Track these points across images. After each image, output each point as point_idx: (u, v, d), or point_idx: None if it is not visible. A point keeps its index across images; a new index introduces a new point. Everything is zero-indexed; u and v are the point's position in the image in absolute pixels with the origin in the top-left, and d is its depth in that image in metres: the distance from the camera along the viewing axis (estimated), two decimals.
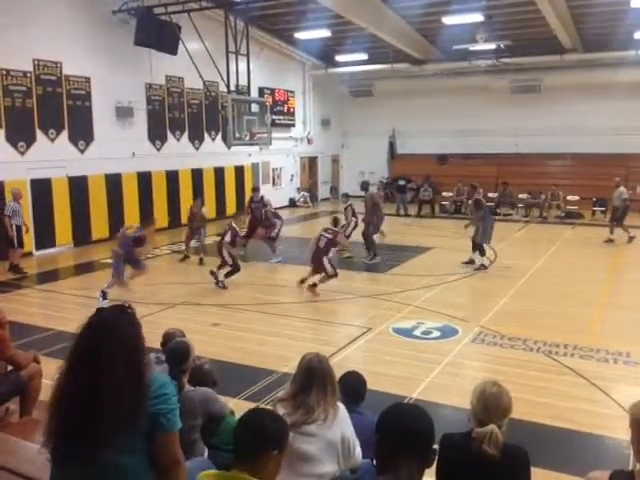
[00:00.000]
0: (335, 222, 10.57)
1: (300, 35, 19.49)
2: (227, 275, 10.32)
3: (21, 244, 11.77)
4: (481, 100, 22.26)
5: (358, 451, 3.11)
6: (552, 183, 19.68)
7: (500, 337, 7.53)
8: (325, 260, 9.69)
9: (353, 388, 3.66)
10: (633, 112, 19.70)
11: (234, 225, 10.64)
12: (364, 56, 21.24)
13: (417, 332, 7.82)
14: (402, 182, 21.57)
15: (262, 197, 14.11)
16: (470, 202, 11.79)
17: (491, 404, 2.61)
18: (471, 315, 8.46)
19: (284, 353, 6.82)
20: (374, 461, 2.18)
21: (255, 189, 14.99)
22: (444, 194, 21.41)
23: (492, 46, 18.84)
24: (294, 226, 17.94)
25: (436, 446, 2.26)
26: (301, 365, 3.16)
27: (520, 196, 20.01)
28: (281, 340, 7.59)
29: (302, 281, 10.00)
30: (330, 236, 9.84)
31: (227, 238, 10.32)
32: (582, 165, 20.99)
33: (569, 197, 19.58)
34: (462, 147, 22.58)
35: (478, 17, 16.32)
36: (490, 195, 20.28)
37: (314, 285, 9.68)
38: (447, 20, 16.64)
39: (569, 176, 20.89)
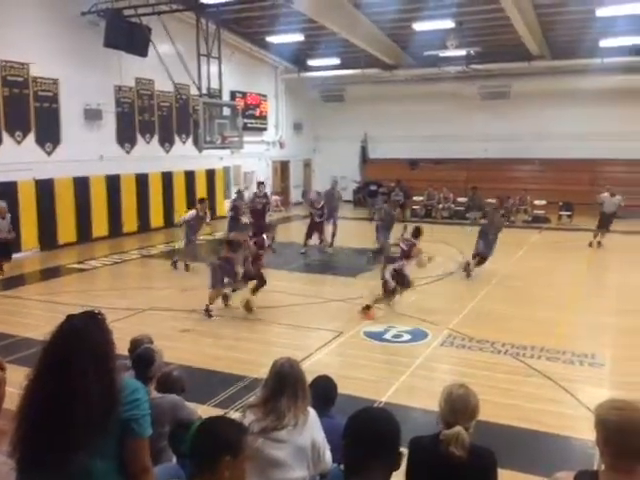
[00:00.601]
0: (417, 232, 9.30)
1: (273, 39, 19.48)
2: (254, 291, 9.17)
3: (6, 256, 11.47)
4: (451, 106, 22.54)
5: (328, 456, 3.11)
6: (521, 188, 20.04)
7: (469, 340, 7.62)
8: (387, 272, 8.75)
9: (324, 392, 3.66)
10: (599, 118, 20.13)
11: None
12: (336, 61, 21.32)
13: (388, 335, 7.87)
14: (373, 187, 21.76)
15: (266, 193, 14.20)
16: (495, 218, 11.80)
17: (458, 406, 2.65)
18: (441, 318, 8.55)
19: (255, 358, 6.79)
20: (341, 465, 2.19)
21: (260, 183, 15.12)
22: (415, 198, 21.59)
23: (462, 52, 19.11)
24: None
25: (404, 449, 2.28)
26: (272, 370, 3.15)
27: (489, 200, 20.29)
28: (252, 345, 7.56)
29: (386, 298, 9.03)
30: (405, 247, 8.97)
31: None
32: (549, 170, 21.40)
33: (536, 202, 19.95)
34: (433, 152, 22.81)
35: (448, 24, 16.54)
36: (460, 200, 20.59)
37: (367, 307, 8.67)
38: (418, 26, 16.82)
39: (537, 181, 21.29)
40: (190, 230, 12.00)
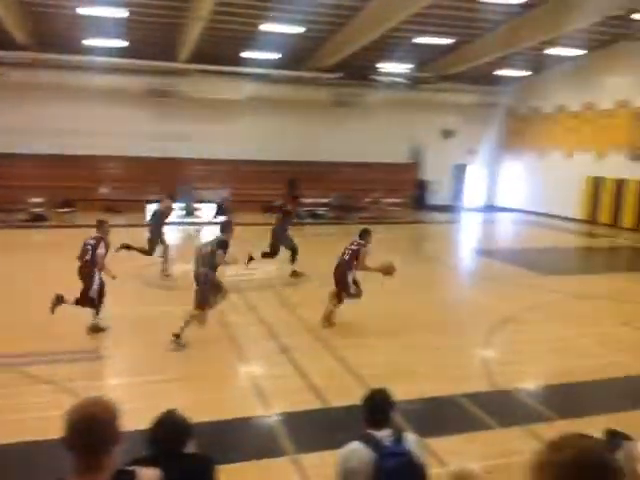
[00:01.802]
0: (365, 233, 8.77)
1: None
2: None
3: None
4: None
5: None
6: (19, 185, 18.88)
7: None
8: (349, 276, 8.53)
9: None
10: (94, 116, 20.55)
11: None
12: None
13: None
14: None
15: None
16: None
17: None
18: None
19: None
20: None
21: None
22: None
23: None
24: None
25: None
26: None
27: None
28: None
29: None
30: (355, 247, 8.59)
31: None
32: (47, 166, 20.62)
33: (33, 199, 18.94)
34: None
35: None
36: None
37: (330, 313, 8.61)
38: None
39: (34, 177, 20.16)
40: None
